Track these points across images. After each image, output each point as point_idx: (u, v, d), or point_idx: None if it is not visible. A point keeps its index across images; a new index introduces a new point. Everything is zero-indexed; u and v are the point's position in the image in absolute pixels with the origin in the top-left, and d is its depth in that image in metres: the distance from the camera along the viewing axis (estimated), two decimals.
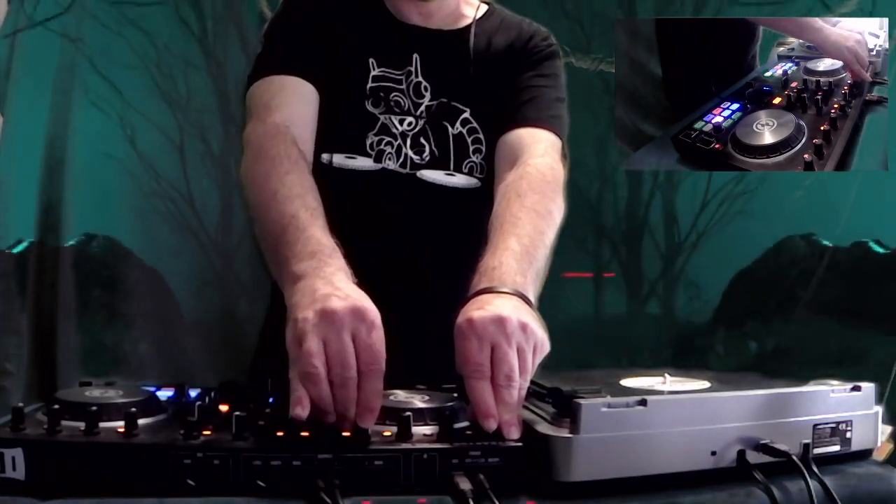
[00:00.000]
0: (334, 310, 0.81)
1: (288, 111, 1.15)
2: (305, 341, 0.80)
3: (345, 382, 0.79)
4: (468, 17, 1.31)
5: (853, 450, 0.89)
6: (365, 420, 0.79)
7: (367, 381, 0.80)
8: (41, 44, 2.36)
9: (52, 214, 2.40)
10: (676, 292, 3.50)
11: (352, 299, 0.83)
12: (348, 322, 0.81)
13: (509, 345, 0.84)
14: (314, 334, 0.80)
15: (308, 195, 1.01)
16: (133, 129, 2.50)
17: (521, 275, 0.96)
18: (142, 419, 0.77)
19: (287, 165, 1.05)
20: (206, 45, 2.54)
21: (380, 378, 0.80)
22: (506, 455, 0.76)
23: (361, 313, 0.82)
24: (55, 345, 2.34)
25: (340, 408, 0.79)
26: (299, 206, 0.98)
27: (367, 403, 0.79)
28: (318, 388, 0.78)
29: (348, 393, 0.79)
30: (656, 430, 0.79)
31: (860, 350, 2.73)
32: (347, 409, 0.79)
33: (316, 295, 0.83)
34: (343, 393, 0.79)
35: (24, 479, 0.72)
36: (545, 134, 1.23)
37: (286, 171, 1.04)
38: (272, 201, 0.99)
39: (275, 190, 1.01)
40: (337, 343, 0.80)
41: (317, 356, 0.79)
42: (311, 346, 0.79)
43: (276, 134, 1.11)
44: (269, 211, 0.99)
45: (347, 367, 0.79)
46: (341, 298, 0.82)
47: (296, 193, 1.00)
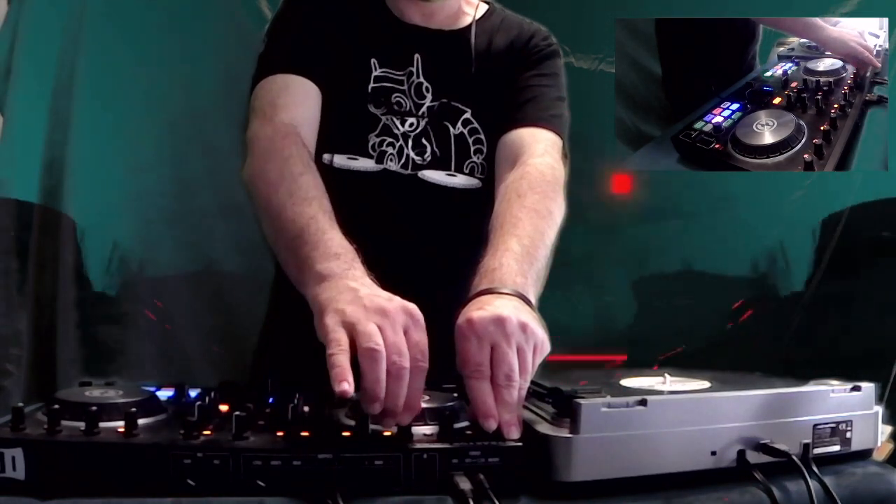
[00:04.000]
0: (386, 307, 0.81)
1: (294, 111, 1.15)
2: (360, 324, 0.79)
3: (400, 373, 0.78)
4: (469, 17, 1.31)
5: (853, 450, 0.89)
6: (405, 418, 0.78)
7: (413, 378, 0.79)
8: (41, 44, 2.36)
9: (52, 214, 2.40)
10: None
11: (398, 300, 0.84)
12: (401, 318, 0.81)
13: (509, 345, 0.84)
14: (369, 321, 0.79)
15: (324, 198, 1.01)
16: (134, 129, 2.50)
17: (521, 275, 0.96)
18: (142, 419, 0.77)
19: (300, 167, 1.05)
20: (208, 44, 2.54)
21: (423, 377, 0.80)
22: (506, 455, 0.76)
23: (411, 312, 0.83)
24: (55, 345, 2.34)
25: (390, 402, 0.78)
26: (317, 208, 0.98)
27: (410, 401, 0.79)
28: (378, 366, 0.77)
29: (401, 385, 0.78)
30: (656, 430, 0.79)
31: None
32: (397, 403, 0.78)
33: (358, 293, 0.84)
34: (396, 385, 0.78)
35: (24, 479, 0.72)
36: (546, 133, 1.23)
37: (300, 172, 1.04)
38: (288, 202, 1.00)
39: (291, 191, 1.01)
40: (393, 335, 0.80)
41: (377, 336, 0.78)
42: (369, 328, 0.79)
43: (287, 134, 1.10)
44: (284, 211, 0.99)
45: (405, 356, 0.79)
46: (388, 299, 0.83)
47: (312, 196, 1.01)
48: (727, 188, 2.77)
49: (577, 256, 2.81)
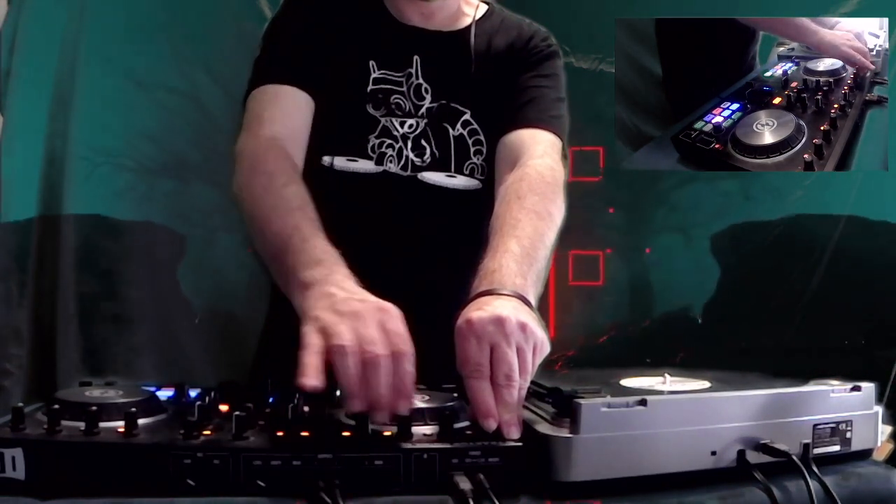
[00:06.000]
0: (358, 309, 0.82)
1: (280, 124, 1.16)
2: (333, 327, 0.80)
3: (375, 361, 0.78)
4: (468, 18, 1.31)
5: (853, 450, 0.89)
6: (400, 406, 0.78)
7: (398, 364, 0.79)
8: (41, 44, 2.36)
9: (52, 214, 2.40)
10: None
11: (372, 300, 0.85)
12: (374, 315, 0.82)
13: (508, 344, 0.84)
14: (343, 325, 0.80)
15: (307, 207, 1.03)
16: (134, 129, 2.50)
17: (520, 277, 0.96)
18: (142, 419, 0.77)
19: (284, 179, 1.07)
20: (208, 45, 2.54)
21: (410, 361, 0.80)
22: (506, 455, 0.76)
23: (384, 309, 0.83)
24: (55, 345, 2.34)
25: (374, 393, 0.78)
26: (300, 217, 1.00)
27: (400, 388, 0.79)
28: (346, 360, 0.77)
29: (379, 373, 0.78)
30: (656, 430, 0.79)
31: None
32: (380, 392, 0.78)
33: (334, 298, 0.85)
34: (374, 374, 0.78)
35: (24, 479, 0.72)
36: (545, 135, 1.23)
37: (283, 184, 1.06)
38: (273, 214, 1.02)
39: (274, 204, 1.03)
40: (365, 330, 0.80)
41: (346, 334, 0.79)
42: (340, 329, 0.79)
43: (270, 148, 1.13)
44: (270, 223, 1.01)
45: (378, 345, 0.79)
46: (360, 300, 0.84)
47: (296, 206, 1.02)
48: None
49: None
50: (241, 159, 1.13)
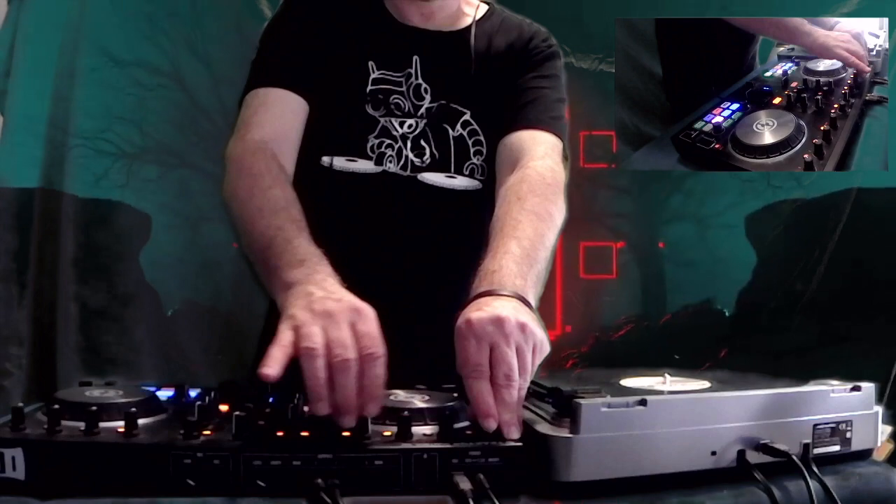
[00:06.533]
0: (331, 309, 0.82)
1: (269, 128, 1.17)
2: (304, 327, 0.80)
3: (343, 365, 0.78)
4: (468, 18, 1.31)
5: (853, 450, 0.89)
6: (369, 409, 0.79)
7: (368, 367, 0.79)
8: (41, 44, 2.37)
9: (52, 214, 2.40)
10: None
11: (347, 300, 0.85)
12: (346, 316, 0.82)
13: (508, 345, 0.84)
14: (314, 324, 0.81)
15: (292, 208, 1.03)
16: (134, 129, 2.51)
17: (520, 278, 0.96)
18: (142, 419, 0.77)
19: (269, 181, 1.08)
20: (208, 44, 2.54)
21: (380, 364, 0.80)
22: (506, 455, 0.76)
23: (357, 309, 0.83)
24: (55, 345, 2.34)
25: (341, 395, 0.78)
26: (284, 218, 1.01)
27: (369, 390, 0.79)
28: (313, 363, 0.78)
29: (347, 376, 0.78)
30: (656, 430, 0.79)
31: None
32: (346, 395, 0.78)
33: (311, 298, 0.85)
34: (342, 377, 0.78)
35: (24, 479, 0.72)
36: (546, 136, 1.23)
37: (268, 186, 1.07)
38: (257, 216, 1.02)
39: (259, 206, 1.04)
40: (336, 331, 0.80)
41: (316, 336, 0.79)
42: (311, 329, 0.80)
43: (256, 151, 1.13)
44: (255, 225, 1.02)
45: (346, 347, 0.79)
46: (336, 300, 0.84)
47: (280, 207, 1.03)
48: None
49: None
50: (229, 163, 1.14)
